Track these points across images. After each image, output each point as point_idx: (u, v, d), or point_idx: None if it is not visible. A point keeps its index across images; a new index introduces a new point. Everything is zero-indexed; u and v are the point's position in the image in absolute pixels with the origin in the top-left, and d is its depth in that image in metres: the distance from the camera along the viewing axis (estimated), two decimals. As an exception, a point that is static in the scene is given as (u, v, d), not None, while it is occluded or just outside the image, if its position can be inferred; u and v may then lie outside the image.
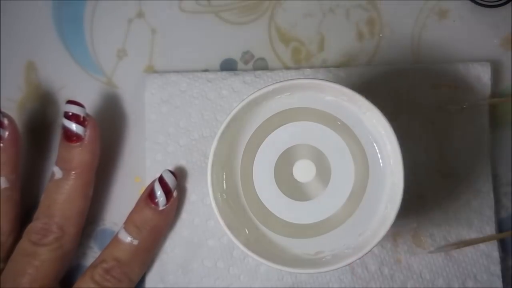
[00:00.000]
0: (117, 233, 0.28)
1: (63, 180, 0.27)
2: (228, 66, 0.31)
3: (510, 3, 0.30)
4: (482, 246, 0.29)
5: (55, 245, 0.27)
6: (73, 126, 0.27)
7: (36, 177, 0.31)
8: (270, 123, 0.23)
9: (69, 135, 0.27)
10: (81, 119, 0.27)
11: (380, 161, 0.23)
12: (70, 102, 0.27)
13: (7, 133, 0.27)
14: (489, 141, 0.30)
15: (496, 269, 0.29)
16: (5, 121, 0.28)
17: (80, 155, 0.27)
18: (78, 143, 0.27)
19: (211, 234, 0.29)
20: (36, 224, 0.27)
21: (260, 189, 0.23)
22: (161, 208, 0.28)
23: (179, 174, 0.30)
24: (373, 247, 0.21)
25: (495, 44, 0.31)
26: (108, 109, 0.31)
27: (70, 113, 0.27)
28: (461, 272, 0.29)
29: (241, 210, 0.23)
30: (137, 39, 0.31)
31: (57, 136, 0.30)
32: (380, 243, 0.29)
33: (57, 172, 0.27)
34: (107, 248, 0.28)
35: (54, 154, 0.29)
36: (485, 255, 0.29)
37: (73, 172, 0.27)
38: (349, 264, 0.21)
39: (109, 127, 0.31)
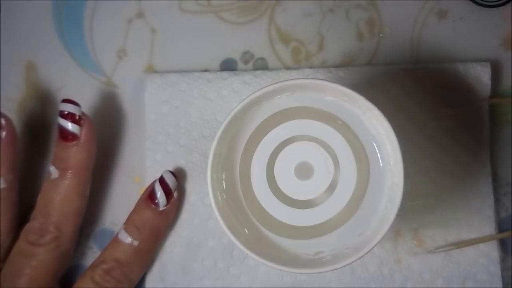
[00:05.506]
0: (117, 234, 0.28)
1: (59, 180, 0.27)
2: (228, 66, 0.31)
3: (510, 3, 0.30)
4: (481, 246, 0.29)
5: (52, 245, 0.26)
6: (69, 125, 0.27)
7: (35, 177, 0.31)
8: (270, 123, 0.23)
9: (64, 134, 0.27)
10: (77, 118, 0.27)
11: (380, 161, 0.23)
12: (65, 101, 0.27)
13: (4, 133, 0.27)
14: (489, 141, 0.30)
15: (496, 269, 0.29)
16: (2, 121, 0.27)
17: (76, 154, 0.27)
18: (74, 142, 0.27)
19: (211, 234, 0.29)
20: (33, 224, 0.27)
21: (258, 189, 0.23)
22: (161, 208, 0.27)
23: (179, 174, 0.30)
24: (373, 247, 0.21)
25: (495, 44, 0.31)
26: (108, 109, 0.31)
27: (66, 112, 0.27)
28: (461, 272, 0.29)
29: (241, 210, 0.23)
30: (137, 39, 0.31)
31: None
32: (380, 243, 0.29)
33: (53, 172, 0.27)
34: (107, 248, 0.28)
35: (54, 154, 0.29)
36: (484, 255, 0.29)
37: (69, 172, 0.27)
38: (349, 264, 0.21)
39: (109, 127, 0.31)
